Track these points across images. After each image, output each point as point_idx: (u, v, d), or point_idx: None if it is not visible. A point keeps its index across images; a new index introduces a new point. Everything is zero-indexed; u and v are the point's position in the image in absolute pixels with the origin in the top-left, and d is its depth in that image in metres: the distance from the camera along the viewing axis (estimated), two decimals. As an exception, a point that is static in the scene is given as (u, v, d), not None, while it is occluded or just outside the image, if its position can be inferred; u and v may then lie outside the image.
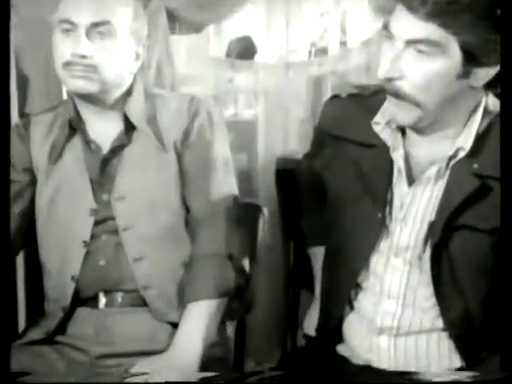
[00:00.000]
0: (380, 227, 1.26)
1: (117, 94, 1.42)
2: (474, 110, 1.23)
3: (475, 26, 1.13)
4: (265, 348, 1.99)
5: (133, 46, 1.42)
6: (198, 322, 1.34)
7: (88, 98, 1.41)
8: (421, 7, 1.13)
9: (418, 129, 1.24)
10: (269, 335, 2.01)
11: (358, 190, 1.29)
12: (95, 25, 1.35)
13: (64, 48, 1.35)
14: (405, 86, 1.17)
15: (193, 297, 1.36)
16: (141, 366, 1.30)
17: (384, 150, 1.26)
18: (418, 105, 1.18)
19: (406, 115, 1.20)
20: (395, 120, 1.23)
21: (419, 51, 1.15)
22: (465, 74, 1.16)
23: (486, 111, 1.23)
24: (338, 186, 1.33)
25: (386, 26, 1.18)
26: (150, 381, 1.18)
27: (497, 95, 1.24)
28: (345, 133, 1.31)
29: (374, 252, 1.28)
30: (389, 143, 1.26)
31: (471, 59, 1.15)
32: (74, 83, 1.36)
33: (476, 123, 1.22)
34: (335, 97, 1.39)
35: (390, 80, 1.18)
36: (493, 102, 1.24)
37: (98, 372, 1.36)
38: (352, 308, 1.33)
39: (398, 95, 1.18)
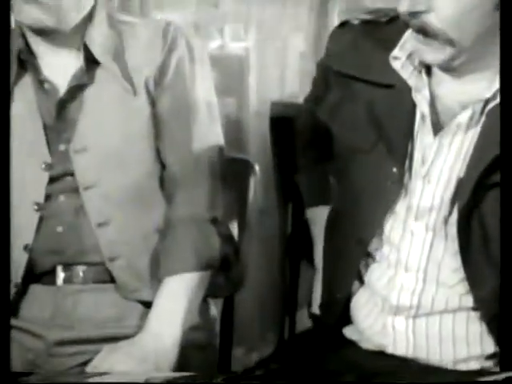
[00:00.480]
0: (396, 185, 1.27)
1: (74, 19, 1.41)
2: None
3: None
4: (257, 332, 2.01)
5: None
6: (176, 301, 1.36)
7: (41, 31, 1.40)
8: None
9: (449, 68, 1.24)
10: (262, 317, 2.02)
11: (370, 139, 1.29)
12: None
13: None
14: (433, 20, 1.18)
15: (169, 270, 1.38)
16: (103, 356, 1.32)
17: (404, 90, 1.27)
18: (449, 42, 1.19)
19: (436, 54, 1.21)
20: (423, 59, 1.24)
21: None
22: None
23: None
24: (346, 135, 1.33)
25: None
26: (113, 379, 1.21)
27: None
28: (356, 70, 1.32)
29: (388, 215, 1.29)
30: (410, 82, 1.27)
31: None
32: (24, 12, 1.35)
33: None
34: (344, 24, 1.39)
35: (414, 14, 1.18)
36: None
37: (54, 362, 1.38)
38: (362, 283, 1.35)
39: (426, 32, 1.19)
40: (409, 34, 1.25)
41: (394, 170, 1.27)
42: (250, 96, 2.17)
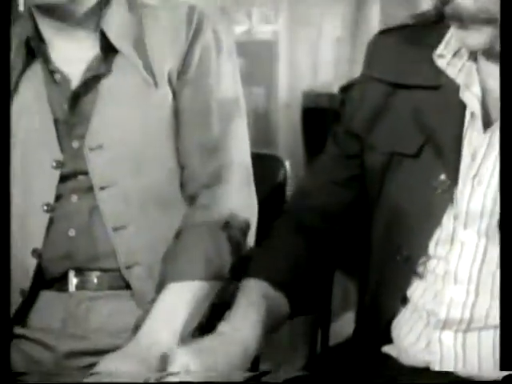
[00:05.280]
0: (446, 194, 1.24)
1: (89, 2, 1.38)
2: None
3: None
4: (286, 346, 1.97)
5: None
6: (177, 308, 1.32)
7: (52, 11, 1.37)
8: None
9: (495, 52, 1.20)
10: (292, 329, 1.99)
11: (416, 144, 1.27)
12: None
13: None
14: (468, 4, 1.16)
15: (174, 275, 1.34)
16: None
17: (451, 90, 1.25)
18: (488, 20, 1.16)
19: (478, 37, 1.18)
20: (467, 45, 1.22)
21: None
22: None
23: None
24: (388, 142, 1.30)
25: None
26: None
27: None
28: (399, 76, 1.30)
29: (437, 228, 1.26)
30: (459, 80, 1.25)
31: None
32: None
33: None
34: (384, 31, 1.37)
35: (447, 2, 1.16)
36: None
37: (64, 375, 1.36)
38: (404, 300, 1.31)
39: (463, 18, 1.17)
40: (452, 31, 1.23)
41: (444, 177, 1.25)
42: (280, 85, 2.13)
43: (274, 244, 1.37)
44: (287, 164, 1.59)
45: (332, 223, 1.38)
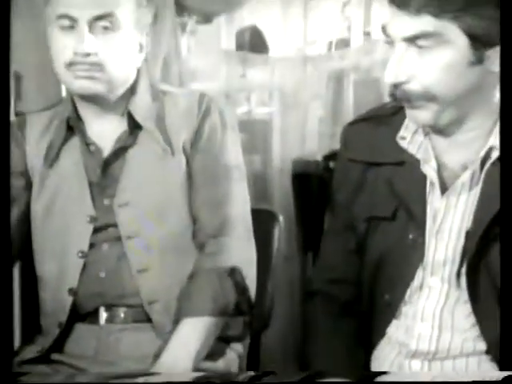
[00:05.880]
0: (418, 248, 1.24)
1: (120, 91, 1.40)
2: None
3: (473, 5, 1.11)
4: (282, 369, 1.95)
5: (136, 37, 1.39)
6: (191, 339, 1.32)
7: (90, 98, 1.39)
8: (409, 1, 1.12)
9: (444, 130, 1.22)
10: (287, 354, 1.97)
11: (391, 209, 1.27)
12: (98, 18, 1.32)
13: (65, 47, 1.33)
14: (415, 86, 1.17)
15: (188, 312, 1.34)
16: None
17: (414, 164, 1.25)
18: (433, 99, 1.17)
19: (424, 114, 1.19)
20: (417, 122, 1.22)
21: (420, 47, 1.14)
22: (478, 59, 1.15)
23: None
24: (369, 209, 1.30)
25: (384, 31, 1.18)
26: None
27: None
28: (370, 156, 1.30)
29: (412, 277, 1.25)
30: (418, 156, 1.25)
31: (479, 42, 1.13)
32: (78, 84, 1.34)
33: None
34: (355, 121, 1.38)
35: (398, 85, 1.17)
36: None
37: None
38: (382, 335, 1.31)
39: (411, 99, 1.18)
40: (406, 109, 1.23)
41: (414, 235, 1.25)
42: (274, 154, 2.17)
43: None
44: (281, 217, 1.60)
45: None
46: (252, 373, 1.19)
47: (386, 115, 1.29)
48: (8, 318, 1.67)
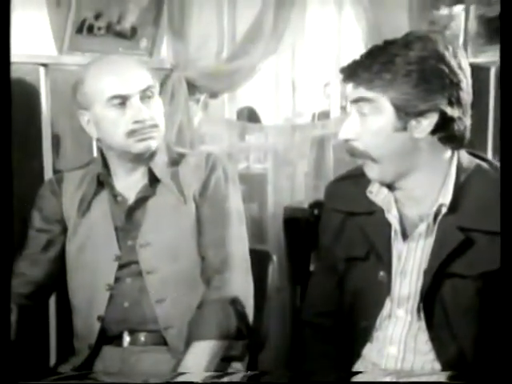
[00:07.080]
0: (386, 283, 1.21)
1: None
2: (448, 167, 1.18)
3: (397, 82, 1.11)
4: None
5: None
6: (200, 359, 1.27)
7: (123, 154, 1.36)
8: (351, 77, 1.14)
9: (394, 184, 1.19)
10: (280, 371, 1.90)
11: (364, 251, 1.24)
12: (144, 91, 1.32)
13: (123, 119, 1.31)
14: (359, 145, 1.16)
15: (197, 336, 1.29)
16: None
17: (381, 214, 1.22)
18: (373, 160, 1.16)
19: (371, 170, 1.18)
20: (369, 177, 1.20)
21: (361, 113, 1.14)
22: (402, 127, 1.13)
23: (460, 168, 1.18)
24: (346, 250, 1.26)
25: (346, 99, 1.19)
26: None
27: (468, 152, 1.21)
28: (347, 206, 1.27)
29: (382, 307, 1.22)
30: (384, 207, 1.22)
31: (403, 112, 1.12)
32: (141, 146, 1.33)
33: (451, 180, 1.17)
34: (336, 180, 1.36)
35: (347, 141, 1.17)
36: (466, 159, 1.20)
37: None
38: (358, 356, 1.26)
39: (354, 154, 1.17)
40: None
41: (383, 273, 1.21)
42: (269, 202, 2.14)
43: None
44: (274, 257, 1.56)
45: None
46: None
47: (362, 174, 1.25)
48: (45, 341, 1.62)
